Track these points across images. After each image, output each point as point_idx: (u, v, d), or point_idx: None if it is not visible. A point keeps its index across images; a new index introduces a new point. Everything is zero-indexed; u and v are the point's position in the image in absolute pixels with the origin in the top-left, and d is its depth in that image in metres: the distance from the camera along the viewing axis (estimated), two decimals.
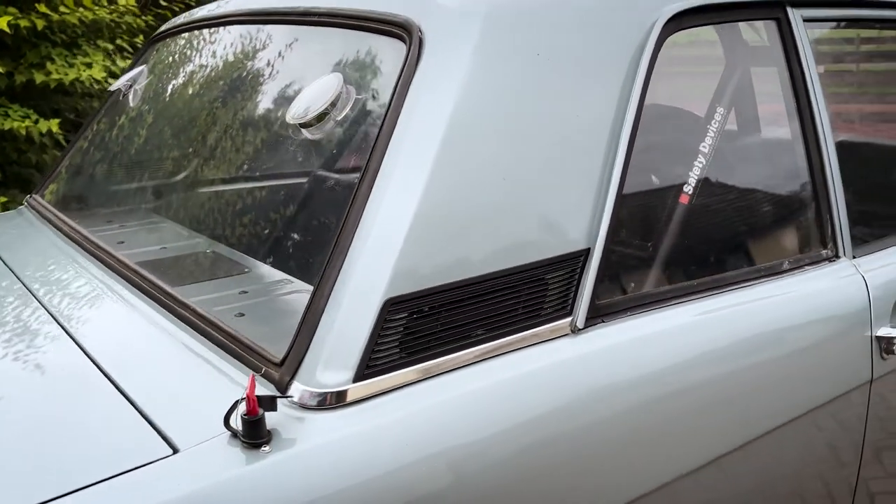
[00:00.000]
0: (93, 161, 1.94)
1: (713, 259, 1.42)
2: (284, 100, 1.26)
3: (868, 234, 1.60)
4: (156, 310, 1.22)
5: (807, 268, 1.45)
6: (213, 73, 1.67)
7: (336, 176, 1.43)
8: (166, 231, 1.67)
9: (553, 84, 1.16)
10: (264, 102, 1.51)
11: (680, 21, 1.30)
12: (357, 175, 1.08)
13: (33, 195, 2.03)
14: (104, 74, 3.71)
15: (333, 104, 1.18)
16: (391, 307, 0.97)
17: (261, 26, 1.50)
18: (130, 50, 4.23)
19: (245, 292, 1.38)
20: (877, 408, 1.50)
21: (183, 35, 1.83)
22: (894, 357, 1.48)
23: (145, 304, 1.25)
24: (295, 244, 1.54)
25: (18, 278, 1.44)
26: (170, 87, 1.77)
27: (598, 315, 1.15)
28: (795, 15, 1.52)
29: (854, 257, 1.52)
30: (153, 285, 1.27)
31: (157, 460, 0.86)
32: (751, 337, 1.30)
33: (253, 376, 0.90)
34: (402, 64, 1.11)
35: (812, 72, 1.51)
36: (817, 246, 1.50)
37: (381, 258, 0.98)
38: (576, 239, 1.13)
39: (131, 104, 1.86)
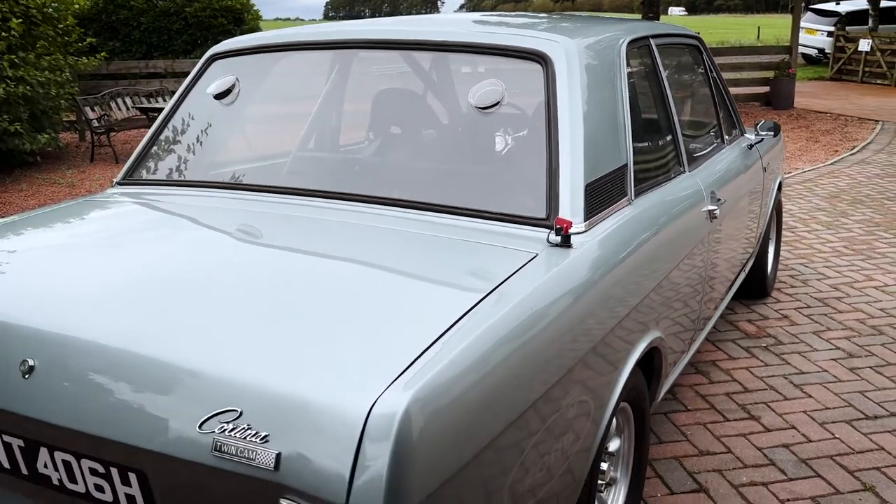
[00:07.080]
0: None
1: (652, 168, 2.70)
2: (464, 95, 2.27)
3: (692, 159, 3.01)
4: (422, 214, 2.15)
5: (677, 177, 2.79)
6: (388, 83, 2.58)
7: (512, 135, 2.45)
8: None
9: (603, 76, 2.34)
10: (457, 99, 2.48)
11: (629, 46, 2.56)
12: (534, 132, 2.17)
13: (126, 178, 2.64)
14: None
15: (503, 96, 2.23)
16: (587, 188, 2.08)
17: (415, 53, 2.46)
18: None
19: None
20: (710, 247, 2.91)
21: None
22: (716, 220, 2.90)
23: (408, 211, 2.17)
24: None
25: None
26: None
27: (634, 196, 2.35)
28: (653, 42, 2.86)
29: (690, 171, 2.91)
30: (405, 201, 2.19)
31: (536, 256, 1.88)
32: (673, 216, 2.59)
33: (558, 217, 1.96)
34: (545, 75, 2.21)
35: (663, 73, 2.87)
36: (678, 167, 2.86)
37: (577, 168, 2.08)
38: (623, 157, 2.32)
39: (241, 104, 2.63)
